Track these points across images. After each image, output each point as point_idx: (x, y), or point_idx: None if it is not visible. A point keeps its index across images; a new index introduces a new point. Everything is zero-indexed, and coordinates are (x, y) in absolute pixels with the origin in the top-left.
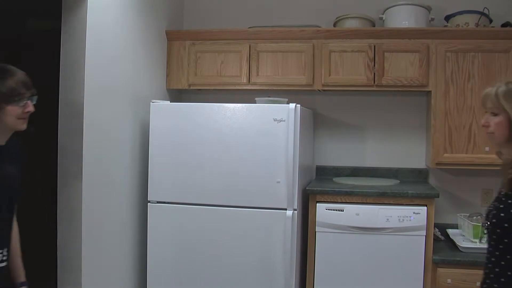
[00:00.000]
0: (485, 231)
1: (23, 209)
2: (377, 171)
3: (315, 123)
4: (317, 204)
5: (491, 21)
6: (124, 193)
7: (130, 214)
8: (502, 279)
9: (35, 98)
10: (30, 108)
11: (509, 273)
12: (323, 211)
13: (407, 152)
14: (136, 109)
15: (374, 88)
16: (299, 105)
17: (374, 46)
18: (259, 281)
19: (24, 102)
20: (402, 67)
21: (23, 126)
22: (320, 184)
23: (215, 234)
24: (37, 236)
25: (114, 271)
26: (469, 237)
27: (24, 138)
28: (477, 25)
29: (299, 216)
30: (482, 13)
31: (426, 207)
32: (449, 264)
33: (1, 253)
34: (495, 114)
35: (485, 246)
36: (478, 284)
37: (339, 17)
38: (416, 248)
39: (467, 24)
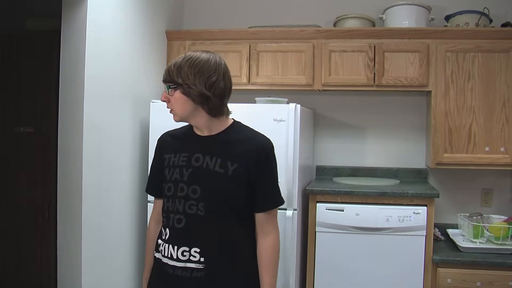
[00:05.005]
0: None
1: (22, 209)
2: (377, 171)
3: (315, 123)
4: (317, 204)
5: (491, 21)
6: (124, 193)
7: (130, 214)
8: None
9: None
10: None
11: None
12: (323, 211)
13: (407, 152)
14: (136, 109)
15: (374, 88)
16: (299, 105)
17: (374, 46)
18: None
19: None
20: (402, 67)
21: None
22: (320, 184)
23: None
24: (37, 236)
25: (113, 271)
26: (469, 237)
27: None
28: (477, 25)
29: (299, 216)
30: (482, 13)
31: (426, 207)
32: (449, 264)
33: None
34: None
35: (485, 246)
36: (479, 284)
37: (339, 17)
38: (416, 248)
39: (467, 24)
